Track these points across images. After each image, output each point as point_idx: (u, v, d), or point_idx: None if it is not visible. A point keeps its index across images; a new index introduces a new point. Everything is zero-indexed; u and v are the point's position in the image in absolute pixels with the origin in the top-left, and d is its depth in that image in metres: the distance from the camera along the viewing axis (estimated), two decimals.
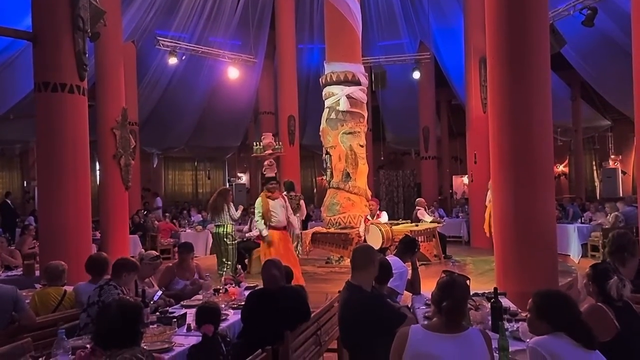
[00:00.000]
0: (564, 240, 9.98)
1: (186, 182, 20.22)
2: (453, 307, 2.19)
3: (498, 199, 5.04)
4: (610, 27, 11.26)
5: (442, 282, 2.32)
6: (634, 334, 2.65)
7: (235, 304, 4.06)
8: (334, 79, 9.11)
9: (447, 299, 2.19)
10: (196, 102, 16.10)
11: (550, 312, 2.24)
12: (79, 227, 5.82)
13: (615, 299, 2.69)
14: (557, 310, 2.23)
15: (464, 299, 2.28)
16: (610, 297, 2.70)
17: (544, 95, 4.80)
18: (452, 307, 2.18)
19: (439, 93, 16.94)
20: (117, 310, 2.11)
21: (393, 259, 4.06)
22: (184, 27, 13.92)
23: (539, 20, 4.89)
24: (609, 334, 2.60)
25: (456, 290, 2.23)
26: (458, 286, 2.26)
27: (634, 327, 2.68)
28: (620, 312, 2.67)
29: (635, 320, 2.72)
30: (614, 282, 2.69)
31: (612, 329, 2.61)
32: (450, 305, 2.18)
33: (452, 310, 2.19)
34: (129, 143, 9.37)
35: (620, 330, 2.60)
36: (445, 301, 2.18)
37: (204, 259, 10.81)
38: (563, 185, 18.72)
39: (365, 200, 9.20)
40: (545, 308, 2.27)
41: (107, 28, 8.10)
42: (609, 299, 2.70)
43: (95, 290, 3.52)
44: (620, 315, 2.65)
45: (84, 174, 5.96)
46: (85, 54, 5.85)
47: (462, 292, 2.26)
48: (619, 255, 4.08)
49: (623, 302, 2.73)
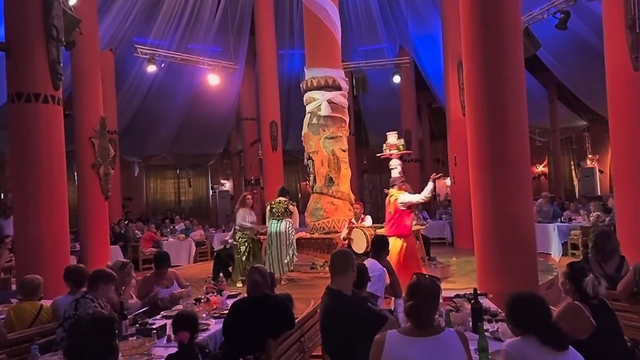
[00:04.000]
0: (545, 239, 10.12)
1: (168, 191, 20.00)
2: (417, 308, 2.17)
3: (477, 200, 5.09)
4: (583, 30, 11.49)
5: (408, 285, 2.33)
6: (610, 330, 2.69)
7: (217, 313, 4.02)
8: (315, 84, 9.12)
9: (414, 301, 2.19)
10: (177, 110, 15.97)
11: (519, 317, 2.28)
12: (56, 239, 5.72)
13: (591, 297, 2.73)
14: (525, 315, 2.26)
15: (430, 300, 2.23)
16: (586, 295, 2.74)
17: (519, 97, 4.87)
18: (415, 309, 2.17)
19: (420, 96, 17.07)
20: (89, 324, 2.06)
21: (370, 262, 4.06)
22: (163, 35, 13.81)
23: (512, 24, 4.97)
24: (585, 331, 2.64)
25: (421, 292, 2.23)
26: (423, 288, 2.25)
27: (610, 324, 2.72)
28: (596, 309, 2.70)
29: (611, 317, 2.76)
30: (589, 280, 2.74)
31: (589, 326, 2.64)
32: (413, 307, 2.18)
33: (416, 312, 2.17)
34: (108, 152, 9.25)
35: (596, 327, 2.64)
36: (413, 304, 2.18)
37: (188, 268, 10.72)
38: (543, 185, 18.97)
39: (349, 204, 9.20)
40: (514, 313, 2.30)
41: (83, 36, 8.01)
42: (585, 296, 2.74)
43: (71, 304, 3.45)
44: (597, 312, 2.69)
45: (60, 185, 5.87)
46: (59, 63, 5.77)
47: (426, 293, 2.23)
48: (601, 252, 4.17)
49: (599, 299, 2.77)
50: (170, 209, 18.43)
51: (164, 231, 12.90)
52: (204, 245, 12.38)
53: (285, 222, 7.84)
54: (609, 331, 2.67)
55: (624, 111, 6.61)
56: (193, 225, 13.57)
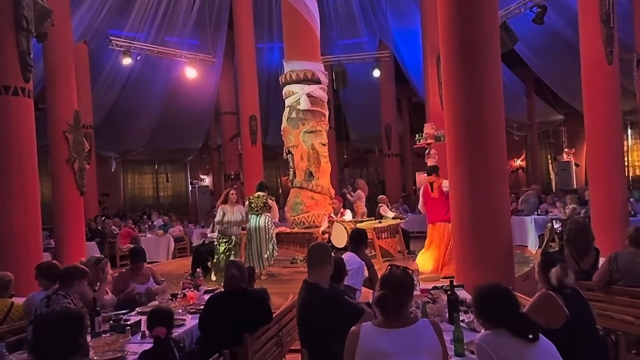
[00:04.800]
0: (522, 232, 10.27)
1: (146, 186, 19.70)
2: (388, 299, 2.16)
3: (455, 193, 5.12)
4: (560, 25, 11.66)
5: (381, 277, 2.32)
6: (583, 320, 2.73)
7: (193, 309, 3.97)
8: (294, 78, 9.07)
9: (385, 292, 2.18)
10: (154, 104, 15.72)
11: (488, 310, 2.28)
12: (28, 235, 5.59)
13: (556, 287, 2.76)
14: (494, 308, 2.26)
15: (401, 291, 2.22)
16: (562, 285, 2.77)
17: (496, 92, 4.89)
18: (386, 300, 2.17)
19: (400, 91, 17.14)
20: (55, 321, 2.00)
21: (348, 255, 4.05)
22: (139, 27, 13.57)
23: (489, 18, 4.99)
24: (559, 320, 2.67)
25: (392, 283, 2.22)
26: (394, 279, 2.24)
27: (582, 313, 2.75)
28: (569, 298, 2.74)
29: (584, 306, 2.80)
30: (554, 270, 2.77)
31: (562, 315, 2.67)
32: (384, 298, 2.17)
33: (387, 303, 2.16)
34: (83, 147, 9.05)
35: (569, 316, 2.67)
36: (385, 295, 2.17)
37: (166, 264, 10.60)
38: (521, 179, 19.26)
39: (329, 198, 9.20)
40: (483, 307, 2.30)
41: (56, 28, 7.79)
42: (557, 286, 2.78)
43: (42, 301, 3.37)
44: (569, 301, 2.73)
45: (32, 179, 5.73)
46: (30, 55, 5.62)
47: (398, 284, 2.22)
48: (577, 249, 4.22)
49: (572, 289, 2.81)
50: (148, 204, 18.18)
51: (142, 227, 12.72)
52: (183, 241, 12.27)
53: (265, 216, 7.80)
54: (581, 320, 2.71)
55: (598, 105, 6.74)
56: (172, 221, 13.42)
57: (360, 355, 2.12)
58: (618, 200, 6.76)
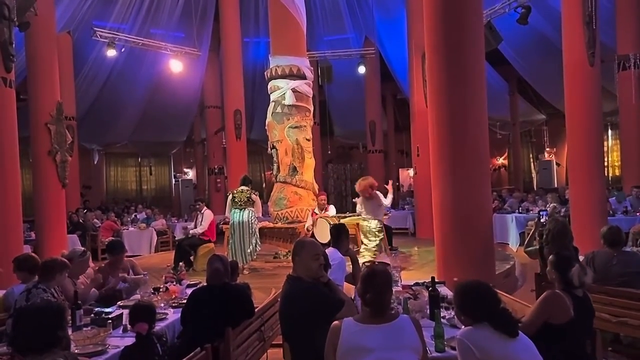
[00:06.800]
0: (503, 229, 10.41)
1: (130, 179, 19.50)
2: (375, 297, 2.21)
3: (437, 191, 5.18)
4: (543, 25, 11.80)
5: (363, 274, 2.35)
6: (585, 324, 2.72)
7: (175, 303, 3.96)
8: (279, 73, 9.03)
9: (369, 290, 2.22)
10: (138, 96, 15.55)
11: (470, 305, 2.30)
12: (8, 227, 5.52)
13: (577, 287, 2.73)
14: (476, 303, 2.28)
15: (386, 288, 2.29)
16: (572, 285, 2.74)
17: (479, 90, 4.95)
18: (374, 297, 2.21)
19: (385, 87, 17.19)
20: (34, 314, 1.99)
21: (330, 250, 4.06)
22: (123, 18, 13.38)
23: (474, 17, 5.04)
24: (561, 320, 2.66)
25: (377, 279, 2.26)
26: (378, 275, 2.29)
27: (587, 320, 2.74)
28: (579, 302, 2.71)
29: (590, 313, 2.79)
30: (575, 269, 2.74)
31: (567, 315, 2.65)
32: (372, 296, 2.20)
33: (375, 300, 2.21)
34: (65, 139, 8.93)
35: (574, 319, 2.64)
36: (368, 293, 2.21)
37: (149, 258, 10.53)
38: (503, 177, 19.50)
39: (312, 194, 9.20)
40: (465, 303, 2.32)
41: (39, 17, 7.69)
42: (569, 287, 2.75)
43: (22, 295, 3.33)
44: (579, 305, 2.70)
45: (12, 171, 5.66)
46: (11, 44, 5.53)
47: (382, 281, 2.28)
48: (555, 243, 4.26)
49: (584, 292, 2.78)
50: (131, 198, 18.01)
51: (125, 220, 12.60)
52: (166, 234, 12.18)
53: (248, 211, 7.78)
54: (582, 325, 2.69)
55: (579, 106, 6.86)
56: (155, 214, 13.31)
57: (342, 351, 2.15)
58: (597, 199, 6.90)
